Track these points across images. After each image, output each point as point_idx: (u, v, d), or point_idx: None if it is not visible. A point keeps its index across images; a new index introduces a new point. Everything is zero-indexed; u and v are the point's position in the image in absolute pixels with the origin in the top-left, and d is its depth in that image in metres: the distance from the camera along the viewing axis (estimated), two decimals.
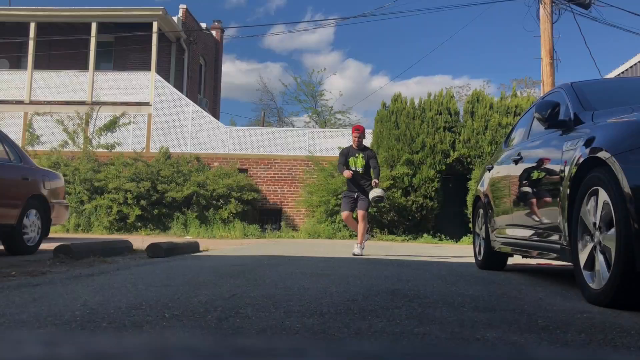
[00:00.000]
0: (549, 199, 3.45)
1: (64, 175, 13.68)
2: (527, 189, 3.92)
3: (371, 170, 6.96)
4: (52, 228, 6.87)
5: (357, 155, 7.02)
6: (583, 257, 2.91)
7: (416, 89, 50.77)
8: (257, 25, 54.13)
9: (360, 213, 6.91)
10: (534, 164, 3.87)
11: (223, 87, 55.37)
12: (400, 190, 13.85)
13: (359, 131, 7.11)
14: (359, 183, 6.98)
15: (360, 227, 6.92)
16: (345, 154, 7.12)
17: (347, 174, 6.85)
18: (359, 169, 6.96)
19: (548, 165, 3.55)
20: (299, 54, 54.67)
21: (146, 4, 16.90)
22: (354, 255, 6.60)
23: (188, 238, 11.86)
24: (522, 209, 4.03)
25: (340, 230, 13.66)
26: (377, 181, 6.86)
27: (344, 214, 7.04)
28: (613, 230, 2.58)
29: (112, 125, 16.17)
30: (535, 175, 3.80)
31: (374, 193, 6.74)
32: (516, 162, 4.21)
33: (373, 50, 56.08)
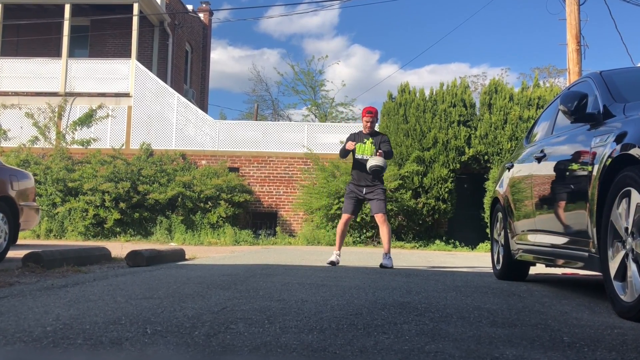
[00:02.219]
0: (575, 202, 3.45)
1: (34, 174, 13.69)
2: (551, 190, 3.92)
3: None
4: (20, 234, 6.86)
5: (365, 140, 6.56)
6: (614, 266, 2.91)
7: (430, 78, 50.83)
8: (251, 7, 54.16)
9: (379, 217, 6.45)
10: (559, 163, 3.87)
11: (212, 77, 55.46)
12: (410, 192, 13.86)
13: (372, 114, 6.62)
14: (367, 176, 6.50)
15: (384, 231, 6.44)
16: (352, 139, 6.66)
17: (349, 145, 6.46)
18: (368, 157, 6.48)
19: (574, 164, 3.55)
20: (299, 39, 54.76)
21: None
22: (382, 266, 6.16)
23: (173, 245, 11.86)
24: (545, 212, 4.03)
25: None
26: (381, 151, 6.41)
27: (345, 216, 6.58)
28: None
29: (87, 119, 16.17)
30: (560, 175, 3.80)
31: (372, 161, 6.28)
32: (539, 160, 4.21)
33: (382, 35, 56.13)
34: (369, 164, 6.31)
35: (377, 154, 6.39)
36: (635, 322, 2.63)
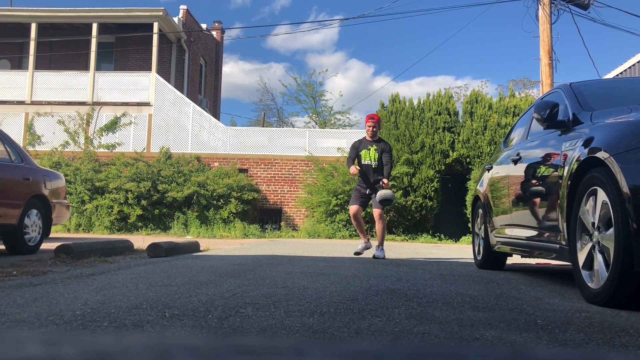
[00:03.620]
0: (548, 199, 3.45)
1: (65, 175, 13.69)
2: (526, 189, 3.92)
3: (384, 164, 6.33)
4: (53, 228, 6.86)
5: (369, 147, 6.37)
6: (582, 257, 2.91)
7: (419, 89, 50.82)
8: (259, 27, 54.15)
9: (376, 212, 6.32)
10: (533, 164, 3.87)
11: (224, 88, 55.49)
12: (400, 190, 13.85)
13: (374, 120, 6.39)
14: (372, 179, 6.34)
15: (379, 227, 6.38)
16: (357, 147, 6.43)
17: (352, 170, 6.24)
18: (372, 163, 6.33)
19: (547, 166, 3.55)
20: (302, 54, 54.73)
21: (147, 5, 16.95)
22: (375, 257, 6.10)
23: (188, 238, 11.86)
24: (521, 208, 4.03)
25: (340, 230, 13.66)
26: (386, 181, 6.22)
27: (353, 207, 6.40)
28: (612, 230, 2.58)
29: (112, 126, 16.16)
30: (534, 175, 3.80)
31: (382, 195, 6.15)
32: (515, 162, 4.21)
33: (376, 50, 56.14)
34: (378, 198, 6.15)
35: (382, 183, 6.19)
36: (601, 306, 2.63)
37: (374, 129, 6.37)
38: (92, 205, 14.17)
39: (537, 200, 3.68)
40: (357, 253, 6.34)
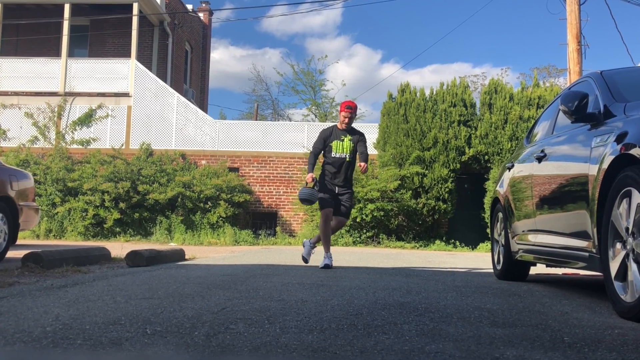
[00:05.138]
0: (576, 202, 3.45)
1: (34, 174, 13.70)
2: (552, 190, 3.92)
3: (358, 154, 6.20)
4: (20, 234, 6.86)
5: (342, 138, 6.18)
6: (614, 266, 2.91)
7: (432, 78, 50.87)
8: (252, 7, 54.17)
9: (342, 221, 6.24)
10: (560, 162, 3.87)
11: (213, 76, 55.49)
12: (410, 192, 13.86)
13: (351, 110, 6.21)
14: (345, 174, 6.18)
15: (334, 232, 6.25)
16: (326, 137, 6.23)
17: (308, 177, 6.11)
18: (346, 156, 6.15)
19: (575, 164, 3.55)
20: (301, 39, 54.79)
21: None
22: (326, 267, 5.81)
23: (172, 245, 11.86)
24: (546, 212, 4.03)
25: (342, 237, 13.67)
26: (365, 164, 6.04)
27: (327, 210, 6.07)
28: None
29: (87, 119, 16.17)
30: (560, 174, 3.80)
31: (304, 193, 6.08)
32: (539, 159, 4.21)
33: (384, 34, 56.15)
34: (300, 194, 6.14)
35: (361, 166, 6.06)
36: (636, 322, 2.63)
37: (350, 119, 6.21)
38: (65, 209, 14.17)
39: (564, 202, 3.68)
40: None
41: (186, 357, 1.81)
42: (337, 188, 6.15)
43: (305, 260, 6.30)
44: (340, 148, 6.17)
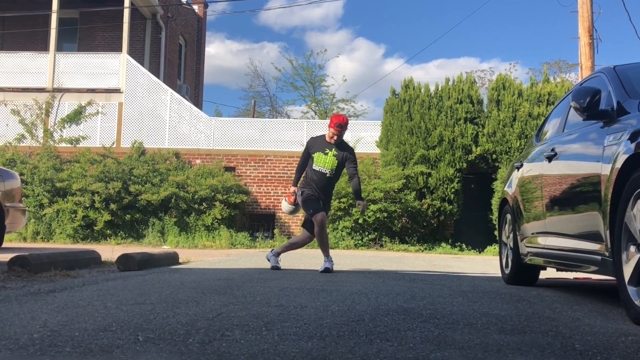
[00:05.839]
0: (588, 203, 3.45)
1: (21, 174, 13.70)
2: (563, 191, 3.93)
3: (348, 179, 6.03)
4: (6, 236, 6.87)
5: (327, 151, 6.02)
6: (628, 270, 2.91)
7: (437, 73, 50.92)
8: None
9: (324, 219, 6.12)
10: (571, 162, 3.87)
11: (209, 72, 55.57)
12: (414, 192, 13.87)
13: (341, 128, 5.98)
14: (324, 190, 6.06)
15: (324, 237, 6.12)
16: (309, 147, 6.10)
17: (291, 191, 6.20)
18: (327, 171, 6.01)
19: (587, 163, 3.55)
20: (301, 32, 54.86)
21: None
22: (326, 271, 5.78)
23: (165, 248, 11.87)
24: (556, 214, 4.04)
25: (343, 239, 13.68)
26: (362, 203, 5.99)
27: (322, 214, 5.99)
28: None
29: (76, 116, 16.18)
30: (571, 174, 3.80)
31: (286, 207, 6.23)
32: (550, 159, 4.21)
33: (388, 28, 56.16)
34: (283, 208, 6.33)
35: (360, 205, 6.02)
36: None
37: (339, 137, 6.05)
38: (53, 210, 14.18)
39: (576, 203, 3.68)
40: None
41: None
42: (320, 201, 6.08)
43: (276, 267, 6.10)
44: (322, 161, 6.03)
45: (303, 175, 6.28)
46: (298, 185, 6.32)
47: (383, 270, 6.44)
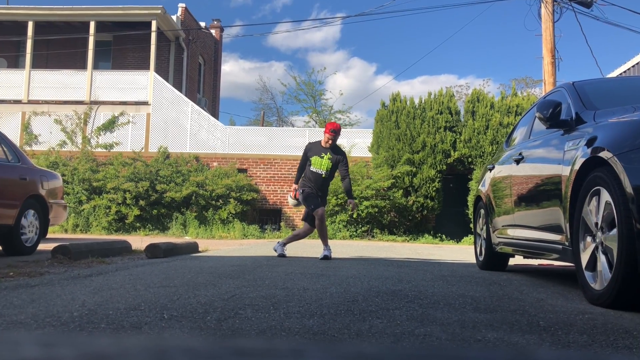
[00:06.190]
0: (550, 199, 3.45)
1: (62, 175, 13.69)
2: (529, 189, 3.92)
3: (340, 178, 6.01)
4: (50, 228, 6.87)
5: (322, 155, 6.02)
6: (585, 258, 2.91)
7: (421, 88, 50.85)
8: (259, 24, 54.24)
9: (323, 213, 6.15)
10: (536, 164, 3.87)
11: (224, 87, 55.53)
12: (401, 190, 13.85)
13: (335, 133, 5.97)
14: (321, 189, 6.04)
15: (323, 229, 6.13)
16: (307, 151, 6.11)
17: (293, 187, 6.09)
18: (323, 172, 6.02)
19: (549, 165, 3.55)
20: (304, 53, 54.75)
21: (145, 3, 16.88)
22: (325, 258, 5.76)
23: (187, 238, 11.86)
24: (523, 209, 4.03)
25: (340, 231, 13.66)
26: (352, 202, 5.96)
27: (321, 209, 6.00)
28: (615, 230, 2.58)
29: (110, 125, 16.16)
30: (536, 175, 3.80)
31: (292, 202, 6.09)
32: (517, 161, 4.20)
33: (378, 49, 56.16)
34: (289, 203, 6.18)
35: (350, 204, 6.04)
36: (604, 308, 2.63)
37: (333, 141, 6.03)
38: (90, 206, 14.17)
39: (540, 200, 3.68)
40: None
41: (199, 340, 1.81)
42: (318, 192, 6.11)
43: (283, 255, 6.01)
44: (319, 164, 6.04)
45: (303, 175, 6.26)
46: (299, 183, 6.31)
47: (374, 258, 6.44)
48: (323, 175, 6.06)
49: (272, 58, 57.96)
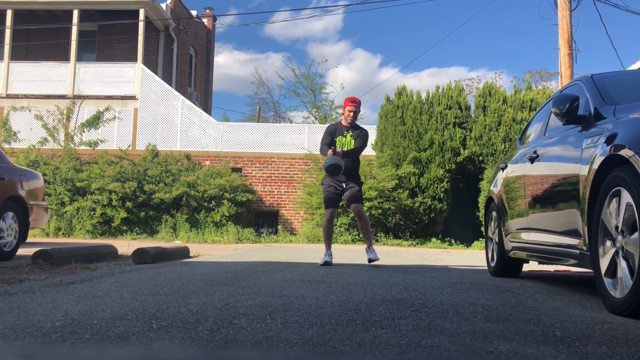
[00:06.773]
0: (567, 201, 3.45)
1: (44, 174, 13.68)
2: (544, 190, 3.92)
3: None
4: (30, 232, 6.86)
5: (345, 134, 6.17)
6: (604, 263, 2.91)
7: (429, 81, 50.91)
8: (255, 13, 54.19)
9: (355, 209, 6.13)
10: (551, 163, 3.87)
11: (218, 80, 55.53)
12: (407, 191, 13.86)
13: (355, 104, 6.18)
14: (348, 169, 6.11)
15: (363, 225, 6.17)
16: (332, 132, 6.22)
17: (329, 153, 5.95)
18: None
19: (566, 164, 3.55)
20: (303, 43, 54.79)
21: None
22: (371, 261, 5.91)
23: (177, 243, 11.86)
24: (538, 211, 4.03)
25: (341, 234, 13.67)
26: (338, 150, 6.01)
27: (330, 211, 6.12)
28: (637, 234, 2.58)
29: (95, 121, 16.17)
30: (552, 175, 3.80)
31: (329, 161, 5.88)
32: (532, 160, 4.21)
33: (383, 39, 56.17)
34: (325, 164, 5.95)
35: (333, 151, 5.99)
36: (625, 317, 2.63)
37: (355, 115, 6.19)
38: (73, 208, 14.17)
39: (556, 201, 3.68)
40: (327, 263, 5.83)
41: (191, 352, 1.81)
42: (343, 184, 6.13)
43: (328, 263, 5.93)
44: (344, 143, 6.18)
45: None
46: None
47: (378, 264, 6.44)
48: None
49: (269, 49, 58.05)
